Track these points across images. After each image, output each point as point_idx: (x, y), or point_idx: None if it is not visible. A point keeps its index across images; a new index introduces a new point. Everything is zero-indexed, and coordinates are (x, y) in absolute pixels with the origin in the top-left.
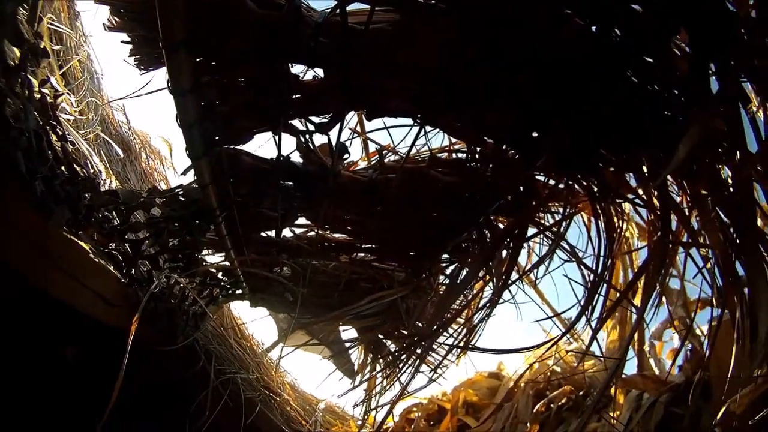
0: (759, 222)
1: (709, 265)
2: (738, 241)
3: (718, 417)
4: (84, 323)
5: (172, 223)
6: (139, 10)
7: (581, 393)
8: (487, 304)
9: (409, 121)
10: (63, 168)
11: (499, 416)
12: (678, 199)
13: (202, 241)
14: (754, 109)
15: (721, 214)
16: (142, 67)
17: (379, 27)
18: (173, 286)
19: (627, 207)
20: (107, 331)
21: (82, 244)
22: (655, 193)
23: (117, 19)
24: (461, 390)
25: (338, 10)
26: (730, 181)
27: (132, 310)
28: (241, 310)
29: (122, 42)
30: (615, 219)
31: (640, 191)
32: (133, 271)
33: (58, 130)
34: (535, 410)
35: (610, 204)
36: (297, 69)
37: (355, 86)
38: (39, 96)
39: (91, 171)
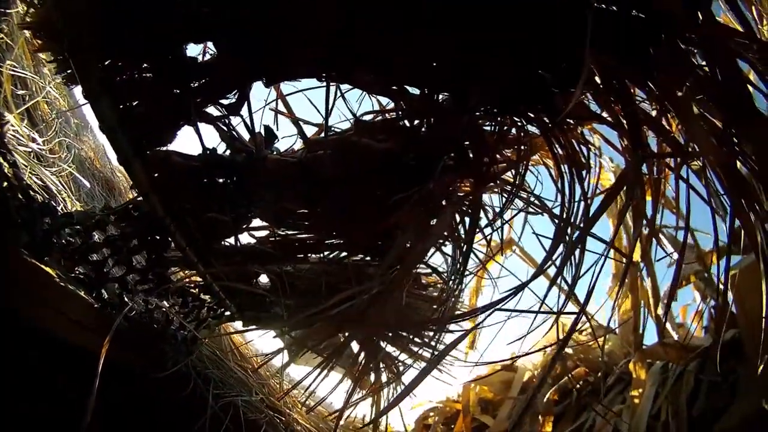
0: None
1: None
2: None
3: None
4: (66, 349)
5: (129, 241)
6: (50, 26)
7: (599, 374)
8: (455, 276)
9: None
10: (19, 194)
11: (517, 410)
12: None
13: (167, 258)
14: None
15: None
16: (69, 84)
17: None
18: (153, 310)
19: (596, 140)
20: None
21: (48, 269)
22: (618, 107)
23: (38, 41)
24: (472, 387)
25: None
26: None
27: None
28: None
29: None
30: (578, 153)
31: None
32: (104, 294)
33: (8, 158)
34: (551, 399)
35: (569, 134)
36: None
37: (249, 53)
38: None
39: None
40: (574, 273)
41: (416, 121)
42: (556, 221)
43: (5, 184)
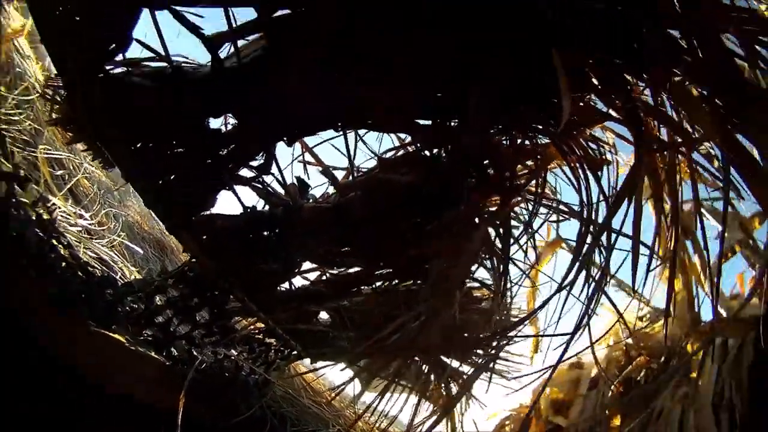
0: None
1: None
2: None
3: None
4: (138, 409)
5: (190, 300)
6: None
7: (662, 359)
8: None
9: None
10: (78, 272)
11: (588, 406)
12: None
13: (228, 310)
14: None
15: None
16: (106, 167)
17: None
18: (222, 360)
19: (610, 138)
20: (162, 415)
21: (117, 336)
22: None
23: (68, 134)
24: (542, 390)
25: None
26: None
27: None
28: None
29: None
30: (591, 152)
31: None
32: (173, 351)
33: (62, 240)
34: (616, 392)
35: (578, 138)
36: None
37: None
38: (35, 215)
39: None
40: (603, 264)
41: (435, 150)
42: (579, 220)
43: (63, 264)
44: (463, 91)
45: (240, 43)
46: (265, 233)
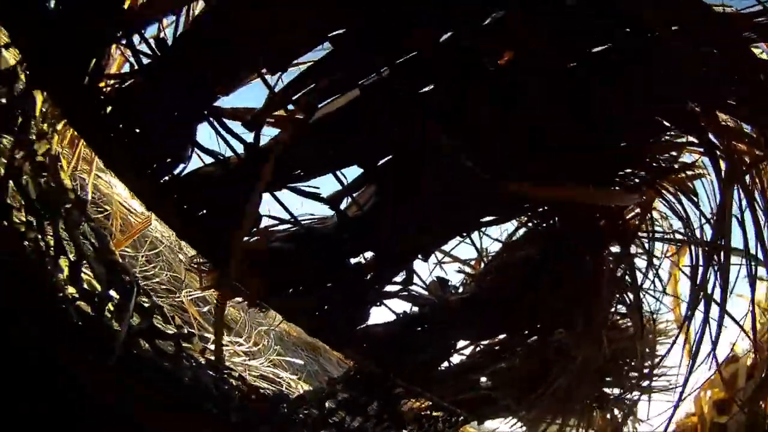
0: None
1: None
2: None
3: None
4: None
5: (360, 399)
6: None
7: None
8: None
9: None
10: (252, 396)
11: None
12: None
13: (395, 395)
14: None
15: None
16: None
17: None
18: None
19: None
20: None
21: None
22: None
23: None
24: (701, 395)
25: None
26: None
27: None
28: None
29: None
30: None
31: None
32: None
33: (233, 374)
34: None
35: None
36: None
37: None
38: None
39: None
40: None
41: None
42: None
43: (236, 394)
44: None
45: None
46: (419, 329)
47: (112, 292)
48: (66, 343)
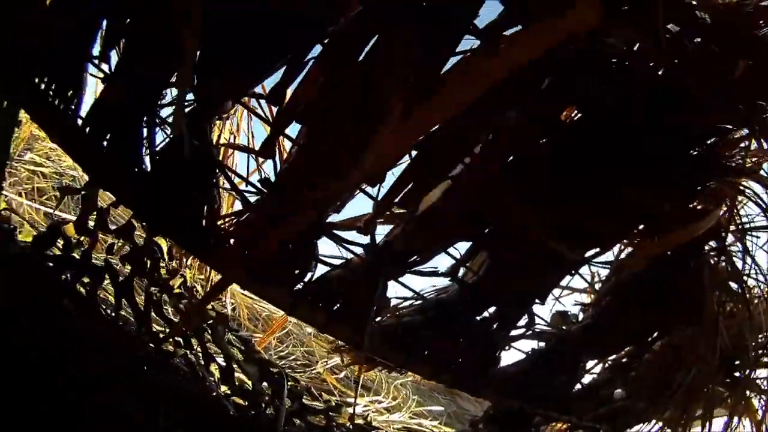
0: None
1: None
2: None
3: None
4: None
5: None
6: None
7: None
8: None
9: None
10: None
11: None
12: None
13: (536, 424)
14: None
15: None
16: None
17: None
18: None
19: None
20: None
21: None
22: None
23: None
24: None
25: None
26: None
27: None
28: None
29: None
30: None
31: None
32: None
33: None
34: None
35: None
36: None
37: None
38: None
39: None
40: None
41: None
42: None
43: None
44: None
45: None
46: (548, 360)
47: (265, 384)
48: None
